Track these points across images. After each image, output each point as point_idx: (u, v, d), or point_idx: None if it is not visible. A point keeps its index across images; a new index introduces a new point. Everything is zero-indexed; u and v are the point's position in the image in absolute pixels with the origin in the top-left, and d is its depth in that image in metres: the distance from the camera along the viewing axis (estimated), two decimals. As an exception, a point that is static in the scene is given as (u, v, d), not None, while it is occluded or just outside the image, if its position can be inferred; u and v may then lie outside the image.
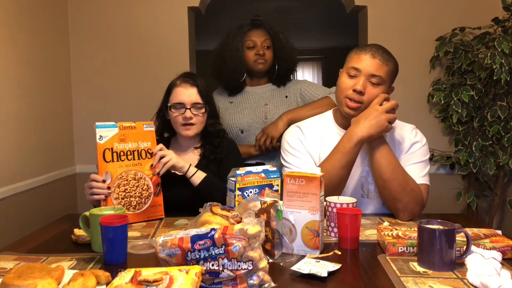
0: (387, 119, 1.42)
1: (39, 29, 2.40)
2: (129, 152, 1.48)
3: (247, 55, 2.04)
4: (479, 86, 2.41)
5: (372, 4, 2.70)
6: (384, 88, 1.47)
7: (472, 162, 2.45)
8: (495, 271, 0.96)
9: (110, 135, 1.45)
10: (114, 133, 1.45)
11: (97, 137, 1.43)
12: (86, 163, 2.77)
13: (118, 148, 1.46)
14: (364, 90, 1.45)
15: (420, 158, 1.52)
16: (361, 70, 1.45)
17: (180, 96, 1.62)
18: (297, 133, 1.61)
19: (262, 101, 2.07)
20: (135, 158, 1.49)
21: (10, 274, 0.90)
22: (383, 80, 1.45)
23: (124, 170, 1.46)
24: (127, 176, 1.47)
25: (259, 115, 2.04)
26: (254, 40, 2.03)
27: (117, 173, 1.45)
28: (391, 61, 1.48)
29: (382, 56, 1.46)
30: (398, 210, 1.45)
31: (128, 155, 1.47)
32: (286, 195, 1.16)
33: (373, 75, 1.44)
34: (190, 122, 1.61)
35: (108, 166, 1.44)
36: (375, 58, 1.45)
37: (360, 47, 1.51)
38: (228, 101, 2.09)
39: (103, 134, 1.44)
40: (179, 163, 1.53)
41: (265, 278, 0.93)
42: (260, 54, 2.02)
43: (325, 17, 5.23)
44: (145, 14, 2.75)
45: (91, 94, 2.79)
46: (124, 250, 1.10)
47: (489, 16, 2.51)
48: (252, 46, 2.04)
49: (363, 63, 1.45)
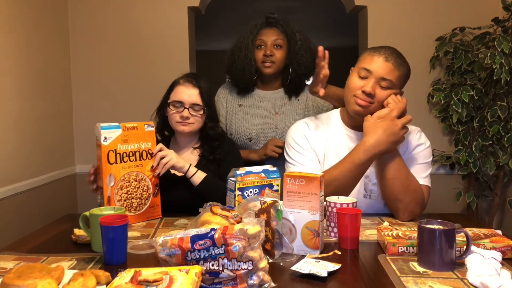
0: (404, 133, 1.42)
1: (39, 29, 2.40)
2: (131, 153, 1.46)
3: (256, 55, 1.92)
4: (479, 86, 2.41)
5: (372, 4, 2.70)
6: (393, 92, 1.45)
7: (472, 162, 2.45)
8: (495, 271, 0.96)
9: (114, 136, 1.42)
10: (118, 134, 1.43)
11: (101, 138, 1.39)
12: (86, 163, 2.77)
13: (121, 149, 1.44)
14: (374, 92, 1.43)
15: (423, 160, 1.52)
16: (372, 72, 1.43)
17: (181, 95, 1.62)
18: (304, 129, 1.60)
19: (273, 109, 1.96)
20: (136, 159, 1.48)
21: (10, 274, 0.90)
22: (393, 84, 1.44)
23: (126, 172, 1.45)
24: (129, 177, 1.46)
25: (269, 124, 1.94)
26: (264, 40, 1.91)
27: (120, 174, 1.43)
28: (403, 66, 1.46)
29: (395, 60, 1.43)
30: (398, 210, 1.45)
31: (130, 156, 1.46)
32: (286, 195, 1.16)
33: (383, 78, 1.42)
34: (187, 121, 1.61)
35: (112, 168, 1.41)
36: (388, 61, 1.43)
37: (374, 48, 1.49)
38: (237, 103, 2.00)
39: (108, 136, 1.41)
40: (179, 163, 1.53)
41: (265, 278, 0.93)
42: (267, 55, 1.89)
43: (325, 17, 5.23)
44: (145, 14, 2.75)
45: (91, 94, 2.79)
46: (124, 250, 1.10)
47: (489, 16, 2.52)
48: (262, 45, 1.92)
49: (375, 65, 1.43)
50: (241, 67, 1.92)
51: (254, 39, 1.93)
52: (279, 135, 1.92)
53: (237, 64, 1.93)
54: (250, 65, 1.91)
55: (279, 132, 1.92)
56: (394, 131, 1.40)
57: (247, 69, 1.92)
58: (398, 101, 1.43)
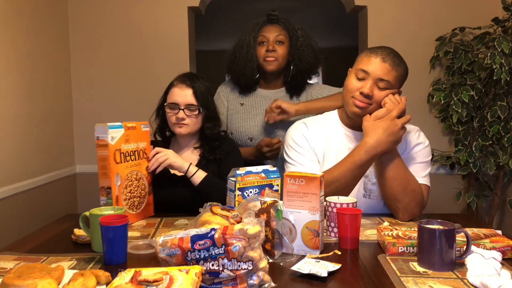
0: (403, 133, 1.43)
1: (39, 29, 2.40)
2: (132, 153, 1.48)
3: (258, 52, 1.91)
4: (479, 86, 2.41)
5: (372, 4, 2.70)
6: (391, 92, 1.45)
7: (472, 162, 2.45)
8: (495, 271, 0.96)
9: (118, 136, 1.43)
10: (121, 134, 1.44)
11: (108, 138, 1.39)
12: (86, 163, 2.77)
13: (124, 149, 1.45)
14: (371, 93, 1.43)
15: (422, 159, 1.52)
16: (369, 73, 1.43)
17: (175, 97, 1.62)
18: (303, 129, 1.60)
19: None
20: (136, 159, 1.50)
21: (10, 274, 0.90)
22: (391, 85, 1.44)
23: (129, 171, 1.47)
24: (131, 176, 1.48)
25: (271, 124, 1.91)
26: (266, 36, 1.90)
27: (124, 174, 1.45)
28: (401, 66, 1.46)
29: (392, 61, 1.43)
30: (398, 210, 1.45)
31: (131, 155, 1.48)
32: (286, 195, 1.16)
33: (381, 79, 1.43)
34: (182, 123, 1.61)
35: (118, 167, 1.42)
36: (385, 62, 1.43)
37: (371, 49, 1.49)
38: (239, 102, 1.99)
39: (114, 135, 1.42)
40: (177, 162, 1.54)
41: (265, 278, 0.93)
42: (269, 50, 1.88)
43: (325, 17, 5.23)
44: (145, 14, 2.75)
45: (91, 94, 2.79)
46: (124, 250, 1.10)
47: (489, 16, 2.51)
48: (264, 42, 1.90)
49: (372, 66, 1.43)
50: (243, 63, 1.91)
51: (256, 36, 1.92)
52: (280, 135, 1.92)
53: (238, 61, 1.92)
54: (252, 61, 1.91)
55: (280, 132, 1.92)
56: (394, 131, 1.40)
57: (248, 65, 1.91)
58: (398, 101, 1.43)
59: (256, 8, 4.43)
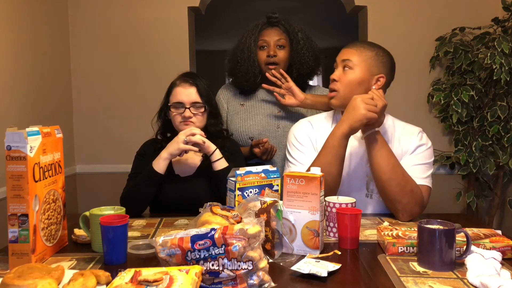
0: (365, 108, 1.37)
1: (39, 29, 2.40)
2: (49, 167, 1.14)
3: (259, 56, 1.90)
4: (479, 86, 2.41)
5: (372, 4, 2.70)
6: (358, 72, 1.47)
7: (472, 162, 2.45)
8: (495, 271, 0.96)
9: (37, 146, 1.08)
10: (39, 143, 1.09)
11: (27, 148, 1.04)
12: (86, 163, 2.76)
13: (42, 162, 1.10)
14: (338, 78, 1.50)
15: (424, 160, 1.51)
16: (336, 60, 1.53)
17: (179, 96, 1.62)
18: (307, 128, 1.59)
19: (275, 109, 1.94)
20: (53, 174, 1.16)
21: (10, 274, 0.90)
22: (354, 64, 1.48)
23: (47, 191, 1.13)
24: (49, 198, 1.15)
25: (271, 124, 1.92)
26: (267, 40, 1.88)
27: (42, 195, 1.11)
28: (369, 49, 1.50)
29: (359, 45, 1.51)
30: (397, 211, 1.45)
31: (48, 170, 1.14)
32: (286, 195, 1.16)
33: (343, 60, 1.50)
34: (190, 121, 1.61)
35: (37, 187, 1.08)
36: (349, 47, 1.51)
37: None
38: (239, 103, 1.98)
39: (33, 145, 1.06)
40: (207, 142, 1.55)
41: (265, 278, 0.93)
42: (270, 55, 1.87)
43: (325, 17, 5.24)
44: (145, 14, 2.75)
45: (91, 94, 2.79)
46: (124, 250, 1.10)
47: (489, 16, 2.52)
48: (265, 46, 1.89)
49: (340, 53, 1.52)
50: (245, 69, 1.89)
51: (256, 40, 1.90)
52: (280, 135, 1.91)
53: (240, 67, 1.90)
54: (253, 67, 1.89)
55: (281, 132, 1.91)
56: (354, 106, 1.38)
57: (251, 71, 1.89)
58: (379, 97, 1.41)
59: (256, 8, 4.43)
